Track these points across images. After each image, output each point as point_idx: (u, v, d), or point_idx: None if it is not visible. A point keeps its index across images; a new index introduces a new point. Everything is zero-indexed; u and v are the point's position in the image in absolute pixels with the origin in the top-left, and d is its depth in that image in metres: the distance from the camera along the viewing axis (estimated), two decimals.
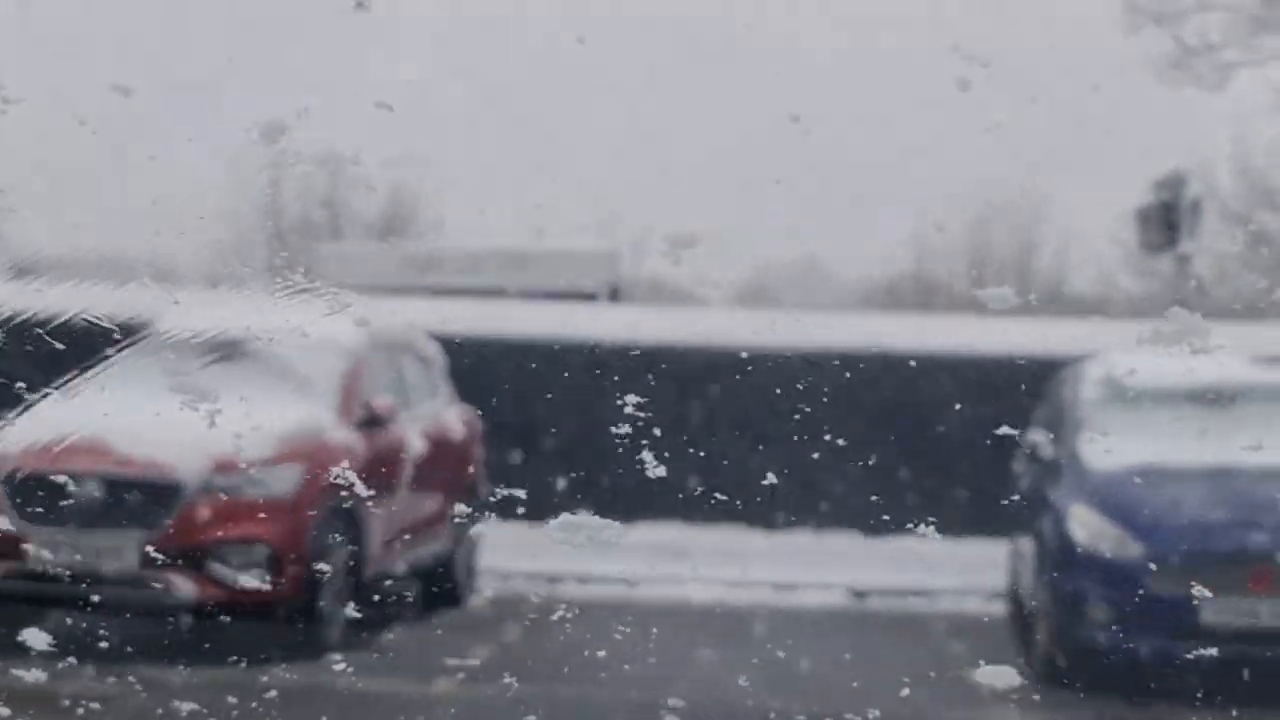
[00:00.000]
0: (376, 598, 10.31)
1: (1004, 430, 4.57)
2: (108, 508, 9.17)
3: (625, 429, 4.27)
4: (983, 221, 35.71)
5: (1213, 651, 8.92)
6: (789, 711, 7.54)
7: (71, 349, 5.45)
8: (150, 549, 9.06)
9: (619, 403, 4.28)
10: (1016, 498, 10.60)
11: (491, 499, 11.06)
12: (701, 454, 7.34)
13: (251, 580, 9.07)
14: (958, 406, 12.60)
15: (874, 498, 11.44)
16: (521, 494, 5.20)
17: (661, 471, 4.05)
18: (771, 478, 5.12)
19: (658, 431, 4.48)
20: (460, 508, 10.71)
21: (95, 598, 9.05)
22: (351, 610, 9.71)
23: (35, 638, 6.11)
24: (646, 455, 4.06)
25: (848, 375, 12.80)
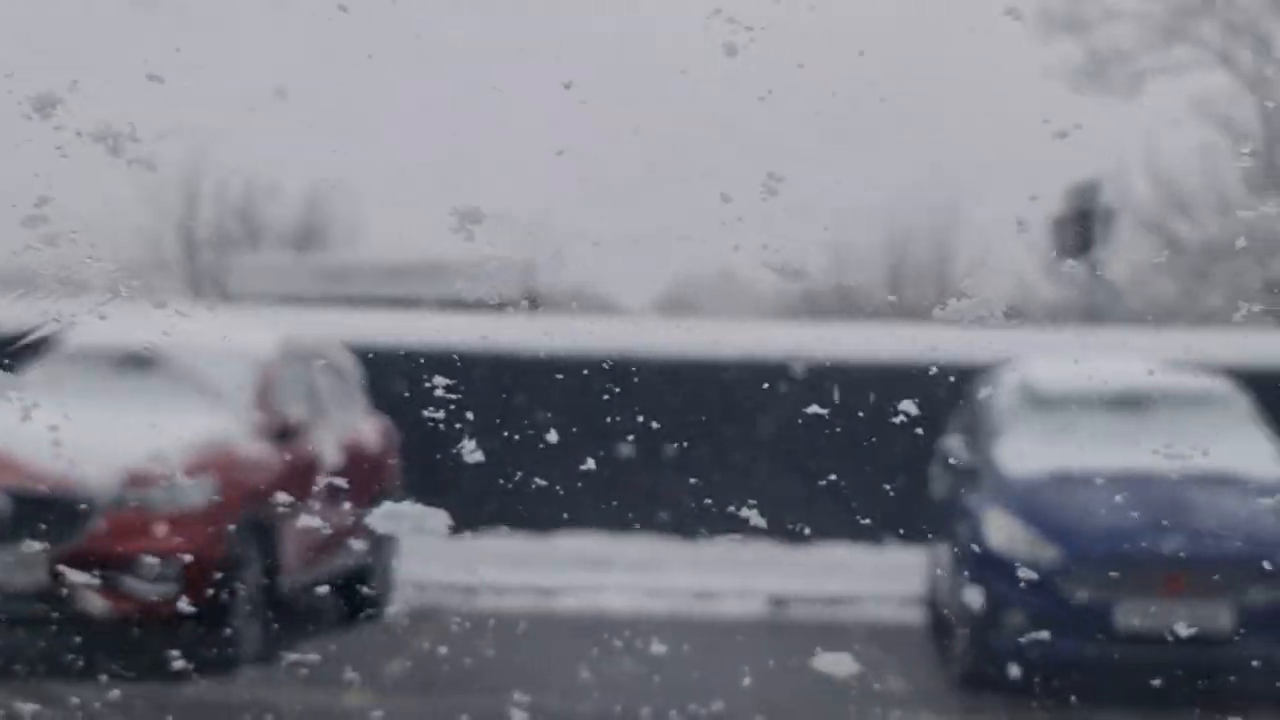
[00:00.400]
0: (290, 610, 10.21)
1: (813, 409, 4.60)
2: (18, 523, 9.03)
3: (440, 414, 4.29)
4: (899, 230, 35.92)
5: (1127, 654, 8.99)
6: (633, 706, 7.62)
7: None
8: (61, 563, 8.93)
9: (428, 385, 4.28)
10: (834, 477, 10.70)
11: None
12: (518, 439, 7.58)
13: (164, 593, 8.96)
14: (769, 388, 12.81)
15: (692, 479, 11.67)
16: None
17: (479, 457, 4.05)
18: (591, 463, 5.18)
19: (470, 415, 4.52)
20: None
21: (5, 613, 8.92)
22: (265, 622, 9.63)
23: None
24: (467, 441, 4.07)
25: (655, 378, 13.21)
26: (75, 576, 8.87)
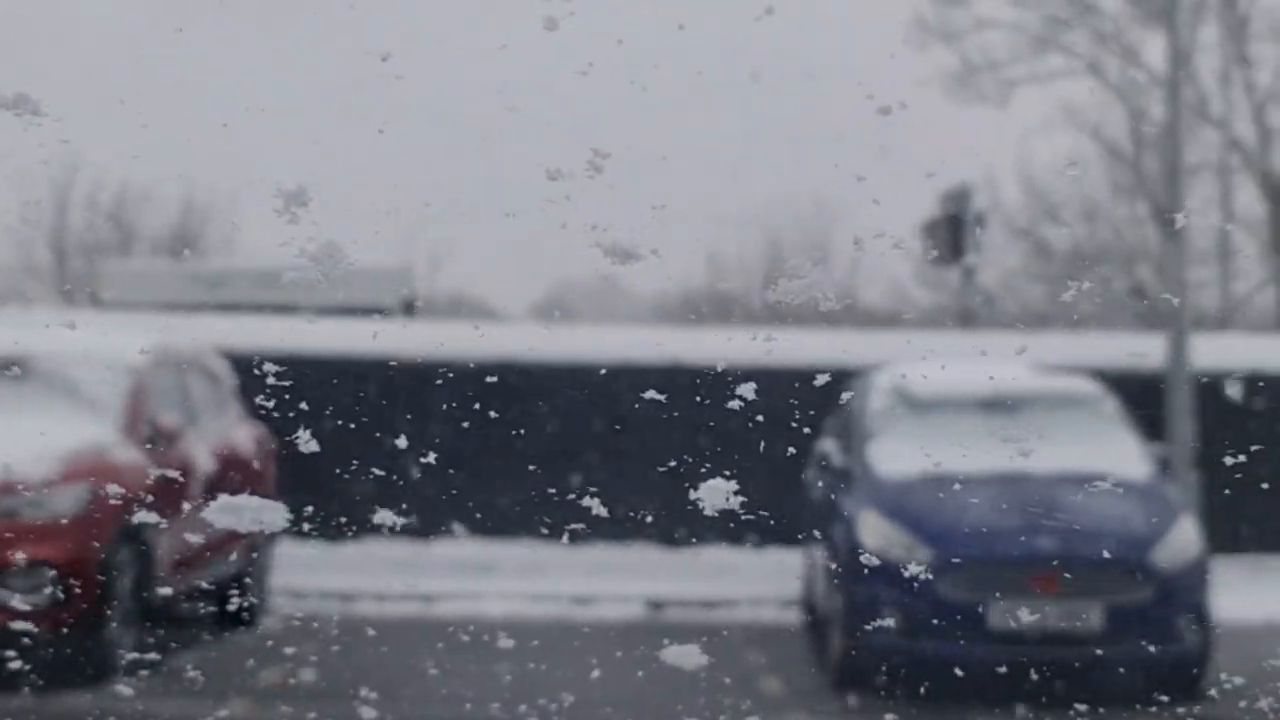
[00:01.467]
0: (166, 619, 10.12)
1: (650, 395, 4.61)
2: None
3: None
4: (776, 234, 36.15)
5: (1000, 654, 9.11)
6: (482, 701, 7.66)
7: None
8: None
9: (257, 373, 4.26)
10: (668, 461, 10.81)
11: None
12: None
13: (36, 604, 8.84)
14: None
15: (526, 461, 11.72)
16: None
17: (315, 446, 4.03)
18: (429, 457, 5.20)
19: (305, 405, 4.52)
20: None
21: None
22: (140, 632, 9.52)
23: None
24: (301, 432, 4.05)
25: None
26: None
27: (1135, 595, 9.40)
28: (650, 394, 4.61)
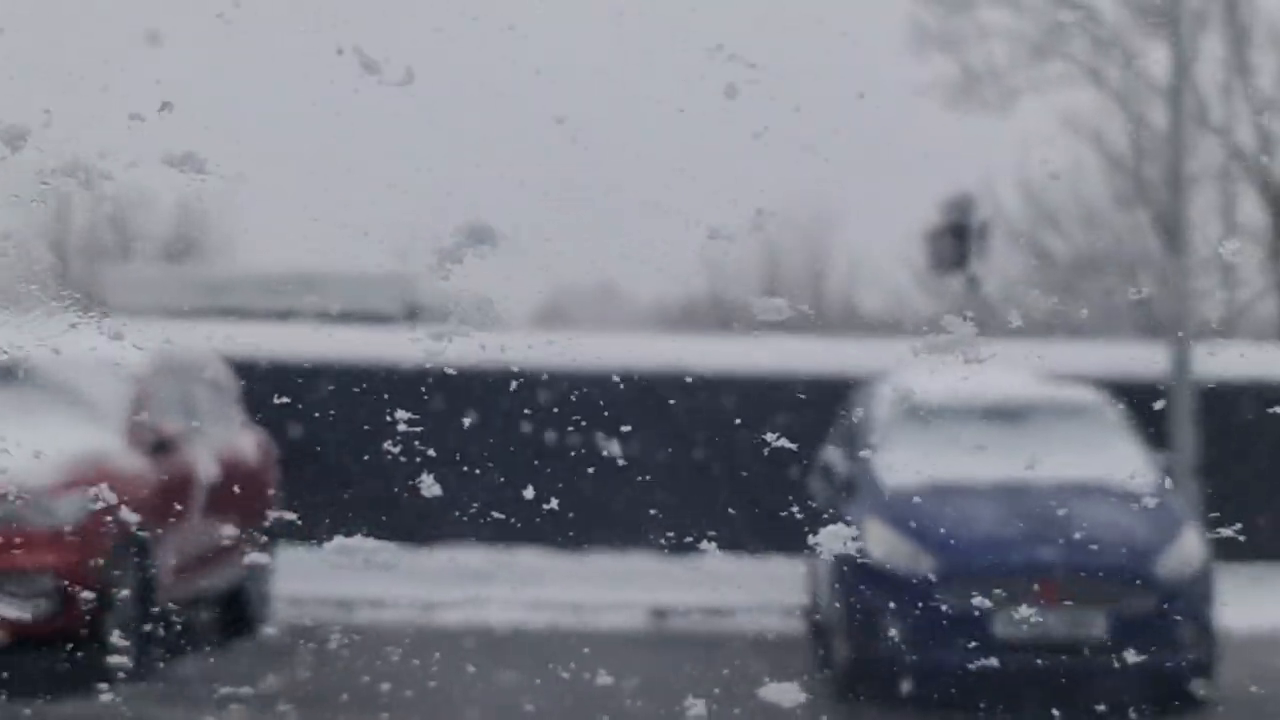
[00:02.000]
0: (167, 627, 10.09)
1: (782, 442, 4.53)
2: None
3: (398, 448, 4.22)
4: (774, 242, 36.13)
5: (1005, 663, 9.09)
6: None
7: None
8: None
9: (389, 419, 4.20)
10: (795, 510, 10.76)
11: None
12: (477, 472, 7.31)
13: (36, 611, 8.81)
14: (738, 422, 12.75)
15: (652, 511, 11.49)
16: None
17: (438, 490, 4.00)
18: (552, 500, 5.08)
19: (432, 452, 4.44)
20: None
21: None
22: (141, 640, 9.49)
23: None
24: (424, 476, 4.01)
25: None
26: None
27: (1140, 605, 9.39)
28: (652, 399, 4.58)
